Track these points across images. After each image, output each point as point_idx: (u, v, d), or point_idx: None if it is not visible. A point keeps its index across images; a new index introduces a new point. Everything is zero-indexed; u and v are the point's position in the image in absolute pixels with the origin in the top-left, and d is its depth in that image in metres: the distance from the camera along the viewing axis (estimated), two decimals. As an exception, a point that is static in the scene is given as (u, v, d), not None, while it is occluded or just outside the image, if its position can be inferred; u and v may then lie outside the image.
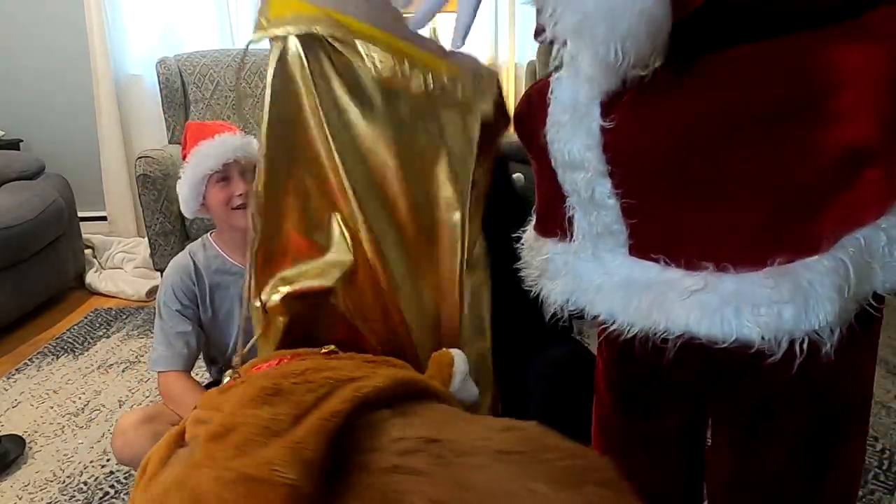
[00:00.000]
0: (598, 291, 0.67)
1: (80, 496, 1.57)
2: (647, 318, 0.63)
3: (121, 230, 3.55)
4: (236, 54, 3.18)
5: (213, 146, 1.56)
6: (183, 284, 1.60)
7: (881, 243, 0.56)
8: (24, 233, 2.54)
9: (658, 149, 0.61)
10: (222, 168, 1.55)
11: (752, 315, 0.58)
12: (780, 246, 0.57)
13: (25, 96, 3.55)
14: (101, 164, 3.52)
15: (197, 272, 1.61)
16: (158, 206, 2.60)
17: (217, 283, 1.63)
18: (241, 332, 1.65)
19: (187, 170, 1.58)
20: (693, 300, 0.60)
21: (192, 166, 1.57)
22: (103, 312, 2.76)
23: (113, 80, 3.42)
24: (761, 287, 0.57)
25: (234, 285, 1.64)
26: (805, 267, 0.56)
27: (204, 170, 1.56)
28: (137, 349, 2.40)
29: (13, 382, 2.17)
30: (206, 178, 1.57)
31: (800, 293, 0.56)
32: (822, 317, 0.56)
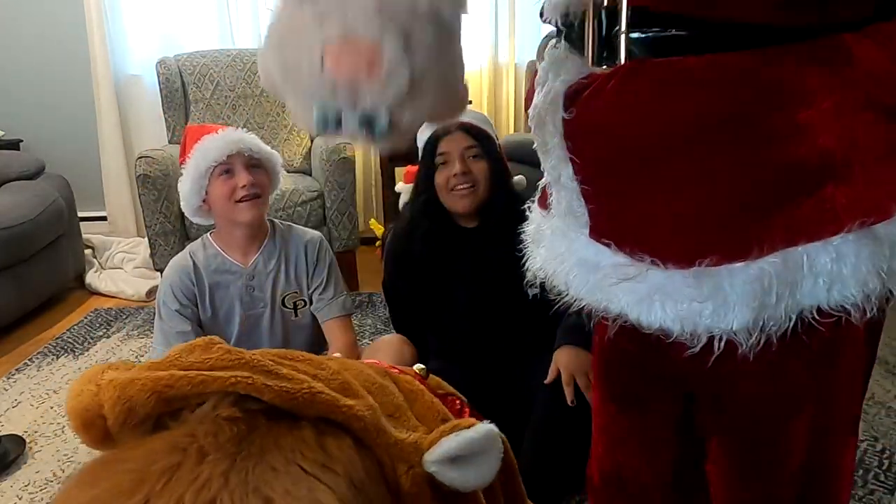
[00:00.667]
0: (561, 264, 0.72)
1: (81, 496, 1.57)
2: (592, 296, 0.68)
3: (121, 230, 3.55)
4: (236, 54, 3.18)
5: (215, 140, 1.55)
6: (182, 284, 1.59)
7: (828, 259, 0.57)
8: (24, 233, 2.54)
9: (608, 144, 0.64)
10: (226, 160, 1.54)
11: (673, 308, 0.61)
12: (711, 249, 0.59)
13: (25, 96, 3.55)
14: (101, 164, 3.52)
15: (196, 272, 1.61)
16: (158, 206, 2.60)
17: (217, 283, 1.63)
18: (242, 328, 1.66)
19: (189, 165, 1.57)
20: (628, 285, 0.64)
21: (194, 160, 1.55)
22: (103, 312, 2.76)
23: (113, 81, 3.42)
24: (684, 284, 0.60)
25: (233, 284, 1.65)
26: (729, 272, 0.59)
27: (207, 162, 1.54)
28: (137, 349, 2.40)
29: (13, 382, 2.17)
30: (209, 172, 1.55)
31: (720, 295, 0.59)
32: (739, 321, 0.59)
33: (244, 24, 3.43)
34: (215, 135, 1.57)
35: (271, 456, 0.50)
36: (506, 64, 3.49)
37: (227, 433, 0.52)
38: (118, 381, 0.57)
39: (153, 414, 0.56)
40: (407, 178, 2.99)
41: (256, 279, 1.66)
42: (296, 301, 1.70)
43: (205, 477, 0.47)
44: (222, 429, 0.52)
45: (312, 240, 1.73)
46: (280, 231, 1.72)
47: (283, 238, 1.70)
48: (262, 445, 0.52)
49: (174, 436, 0.53)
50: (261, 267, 1.66)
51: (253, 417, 0.55)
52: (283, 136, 3.13)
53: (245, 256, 1.66)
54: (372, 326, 2.53)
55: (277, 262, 1.68)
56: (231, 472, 0.47)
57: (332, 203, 2.75)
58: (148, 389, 0.55)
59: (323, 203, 2.76)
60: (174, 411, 0.57)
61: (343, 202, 2.76)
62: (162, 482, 0.46)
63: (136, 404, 0.55)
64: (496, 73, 3.49)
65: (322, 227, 2.73)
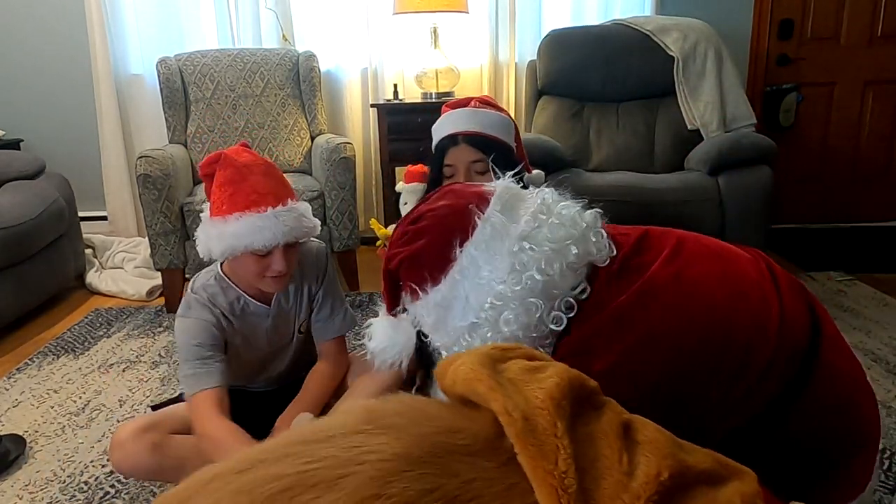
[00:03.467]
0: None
1: (81, 496, 1.57)
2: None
3: (121, 230, 3.55)
4: (236, 54, 3.18)
5: (265, 226, 1.39)
6: (209, 336, 1.47)
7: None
8: (25, 233, 2.54)
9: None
10: (256, 249, 1.41)
11: None
12: None
13: (25, 96, 3.55)
14: (102, 164, 3.52)
15: (222, 321, 1.51)
16: (158, 205, 2.60)
17: (242, 324, 1.56)
18: (266, 354, 1.63)
19: (225, 233, 1.40)
20: None
21: (232, 235, 1.39)
22: (103, 312, 2.76)
23: (113, 80, 3.42)
24: None
25: (259, 325, 1.58)
26: None
27: (248, 247, 1.40)
28: (138, 349, 2.40)
29: (14, 382, 2.17)
30: (245, 250, 1.41)
31: None
32: None
33: (244, 24, 3.43)
34: (263, 214, 1.38)
35: None
36: (506, 63, 3.49)
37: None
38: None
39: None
40: (407, 178, 2.98)
41: (280, 317, 1.60)
42: (306, 326, 1.67)
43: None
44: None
45: (320, 256, 1.65)
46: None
47: (299, 266, 1.59)
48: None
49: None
50: (283, 304, 1.60)
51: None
52: (284, 136, 3.13)
53: (266, 295, 1.57)
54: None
55: (296, 293, 1.61)
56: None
57: (333, 203, 2.75)
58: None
59: (323, 203, 2.76)
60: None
61: (343, 202, 2.76)
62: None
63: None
64: (496, 72, 3.49)
65: (322, 227, 2.73)
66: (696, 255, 1.07)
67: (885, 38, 3.56)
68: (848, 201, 3.75)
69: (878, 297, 2.67)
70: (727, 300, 1.00)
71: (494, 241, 1.03)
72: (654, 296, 1.00)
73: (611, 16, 3.38)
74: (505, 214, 1.05)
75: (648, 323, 0.97)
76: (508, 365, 0.67)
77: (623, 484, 0.54)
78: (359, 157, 3.42)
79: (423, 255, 1.06)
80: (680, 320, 0.98)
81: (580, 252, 1.03)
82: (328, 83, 3.46)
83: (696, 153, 2.74)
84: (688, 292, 1.00)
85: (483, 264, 1.02)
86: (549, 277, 1.00)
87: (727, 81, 2.94)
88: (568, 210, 1.10)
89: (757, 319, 0.98)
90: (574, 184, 2.55)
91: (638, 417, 0.66)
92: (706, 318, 0.98)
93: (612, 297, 1.01)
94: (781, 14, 3.55)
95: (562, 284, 1.01)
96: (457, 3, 3.08)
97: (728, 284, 1.02)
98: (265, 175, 1.43)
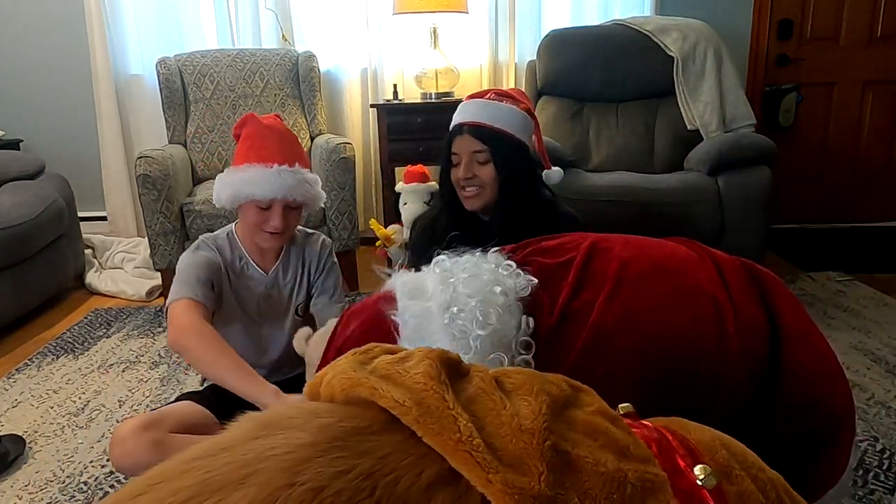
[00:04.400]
0: None
1: (80, 496, 1.57)
2: None
3: (121, 230, 3.55)
4: (236, 54, 3.18)
5: (268, 178, 1.53)
6: (208, 272, 1.58)
7: None
8: (24, 233, 2.54)
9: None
10: (256, 201, 1.55)
11: None
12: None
13: (25, 96, 3.55)
14: (101, 164, 3.52)
15: (225, 272, 1.65)
16: (158, 205, 2.60)
17: (238, 284, 1.67)
18: (254, 323, 1.69)
19: (234, 179, 1.55)
20: None
21: (239, 181, 1.54)
22: (103, 312, 2.76)
23: (113, 80, 3.42)
24: None
25: (255, 289, 1.68)
26: None
27: (250, 195, 1.55)
28: (137, 349, 2.40)
29: (13, 382, 2.17)
30: (248, 199, 1.56)
31: None
32: None
33: (244, 24, 3.43)
34: (269, 169, 1.53)
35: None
36: (505, 63, 3.49)
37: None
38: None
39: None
40: (407, 177, 2.99)
41: (276, 288, 1.70)
42: (305, 309, 1.74)
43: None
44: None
45: (324, 245, 1.75)
46: (299, 240, 1.74)
47: (301, 247, 1.73)
48: None
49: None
50: (280, 276, 1.70)
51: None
52: (283, 135, 3.13)
53: (266, 262, 1.69)
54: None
55: (294, 272, 1.71)
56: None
57: (332, 203, 2.75)
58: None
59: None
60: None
61: (343, 202, 2.76)
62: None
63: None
64: (496, 71, 3.49)
65: (322, 227, 2.73)
66: (642, 279, 1.04)
67: (885, 38, 3.56)
68: (847, 201, 3.75)
69: (877, 297, 2.67)
70: (685, 329, 0.98)
71: (422, 328, 1.00)
72: (606, 342, 0.98)
73: (610, 16, 3.38)
74: (414, 300, 1.02)
75: (607, 368, 0.96)
76: (376, 364, 0.68)
77: (517, 426, 0.60)
78: (358, 157, 3.42)
79: (358, 340, 1.02)
80: (639, 363, 0.96)
81: (504, 289, 1.01)
82: (328, 83, 3.46)
83: (696, 153, 2.74)
84: (641, 332, 0.98)
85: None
86: (493, 327, 0.97)
87: (727, 82, 2.94)
88: (468, 260, 1.07)
89: (717, 343, 0.97)
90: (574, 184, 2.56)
91: (501, 370, 0.72)
92: (666, 354, 0.97)
93: (561, 352, 0.99)
94: (781, 14, 3.55)
95: (507, 329, 0.98)
96: (457, 3, 3.08)
97: (681, 307, 1.00)
98: (281, 138, 1.59)
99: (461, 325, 0.97)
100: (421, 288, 1.04)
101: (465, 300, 0.99)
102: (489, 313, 0.97)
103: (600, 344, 0.98)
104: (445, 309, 0.99)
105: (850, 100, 3.65)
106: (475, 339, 0.96)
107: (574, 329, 1.00)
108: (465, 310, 0.98)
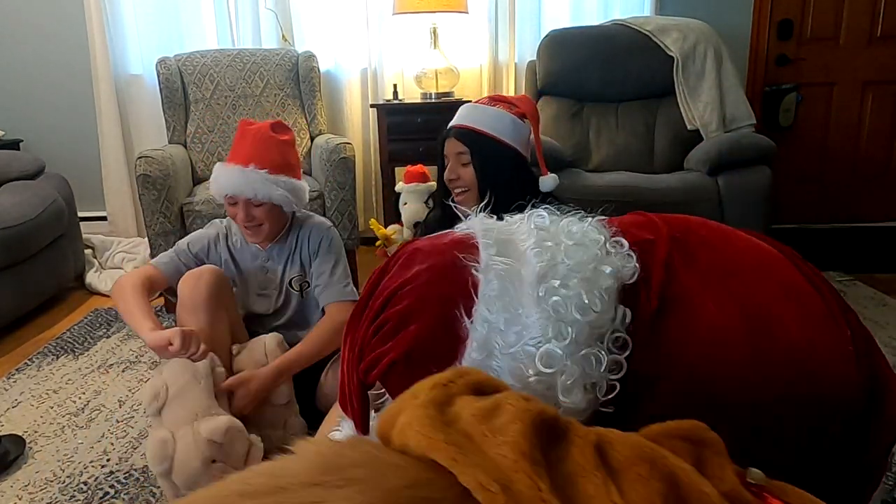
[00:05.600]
0: None
1: (80, 496, 1.57)
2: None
3: (121, 230, 3.55)
4: (236, 54, 3.18)
5: (231, 176, 1.69)
6: (198, 246, 1.81)
7: None
8: (24, 233, 2.54)
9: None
10: (227, 196, 1.71)
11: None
12: None
13: (25, 96, 3.55)
14: (101, 164, 3.52)
15: (225, 241, 1.84)
16: (158, 206, 2.60)
17: (243, 257, 1.85)
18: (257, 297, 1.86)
19: (213, 177, 1.74)
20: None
21: (213, 179, 1.74)
22: (103, 312, 2.76)
23: (113, 80, 3.42)
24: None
25: (252, 262, 1.85)
26: None
27: (219, 191, 1.73)
28: (137, 349, 2.40)
29: (13, 382, 2.17)
30: (219, 193, 1.74)
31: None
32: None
33: (244, 24, 3.43)
34: (226, 168, 1.70)
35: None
36: (505, 63, 3.49)
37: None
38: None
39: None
40: (407, 178, 2.99)
41: (271, 262, 1.84)
42: (301, 283, 1.84)
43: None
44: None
45: (319, 229, 1.85)
46: (297, 222, 1.87)
47: (299, 228, 1.86)
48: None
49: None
50: (275, 254, 1.84)
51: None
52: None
53: (264, 242, 1.84)
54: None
55: (289, 250, 1.84)
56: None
57: (332, 203, 2.75)
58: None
59: (323, 203, 2.76)
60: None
61: (343, 202, 2.76)
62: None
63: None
64: (496, 71, 3.49)
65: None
66: (751, 277, 0.83)
67: (885, 38, 3.56)
68: (847, 201, 3.75)
69: (877, 297, 2.67)
70: (806, 343, 0.77)
71: (507, 294, 0.79)
72: (723, 346, 0.77)
73: (610, 16, 3.38)
74: (502, 257, 0.82)
75: (724, 387, 0.76)
76: (458, 411, 0.58)
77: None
78: (358, 157, 3.42)
79: (421, 347, 0.79)
80: (756, 373, 0.75)
81: (614, 270, 0.81)
82: (328, 83, 3.46)
83: (696, 153, 2.74)
84: (759, 329, 0.78)
85: (506, 328, 0.78)
86: (596, 314, 0.77)
87: (727, 81, 2.94)
88: (573, 223, 0.87)
89: (841, 365, 0.77)
90: (574, 184, 2.57)
91: (604, 432, 0.59)
92: (787, 370, 0.76)
93: (661, 345, 0.79)
94: (781, 14, 3.55)
95: (605, 319, 0.79)
96: (456, 3, 3.08)
97: (802, 321, 0.79)
98: (255, 142, 1.71)
99: (557, 301, 0.77)
100: (510, 242, 0.85)
101: (566, 273, 0.79)
102: (594, 296, 0.78)
103: (716, 349, 0.77)
104: (541, 279, 0.79)
105: (850, 100, 3.65)
106: (572, 325, 0.76)
107: (676, 323, 0.80)
108: (567, 286, 0.78)
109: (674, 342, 0.78)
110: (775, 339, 0.77)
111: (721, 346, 0.77)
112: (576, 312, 0.77)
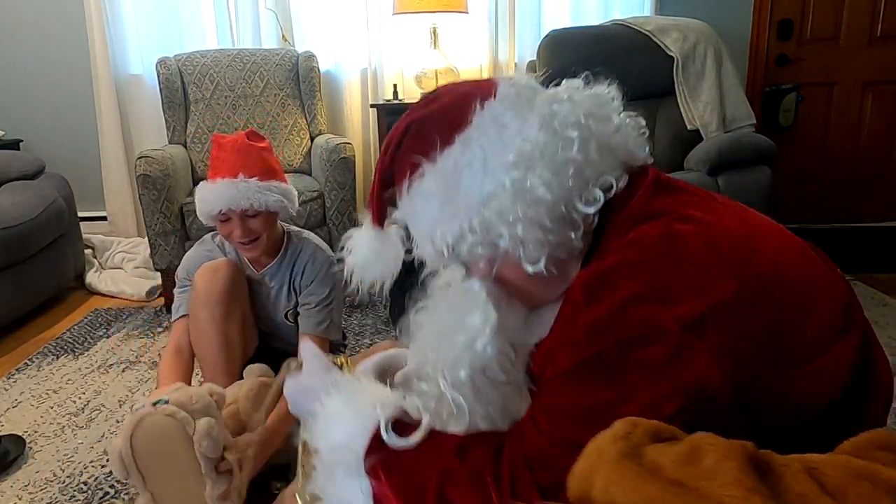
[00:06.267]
0: None
1: (80, 496, 1.57)
2: None
3: (121, 230, 3.55)
4: (236, 54, 3.18)
5: (214, 191, 1.60)
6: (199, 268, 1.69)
7: None
8: (24, 233, 2.54)
9: None
10: (219, 213, 1.61)
11: None
12: None
13: (25, 96, 3.55)
14: (101, 164, 3.52)
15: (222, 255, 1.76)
16: (158, 206, 2.60)
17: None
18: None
19: (198, 199, 1.64)
20: None
21: (199, 201, 1.63)
22: (103, 312, 2.76)
23: (113, 80, 3.42)
24: None
25: (251, 284, 1.75)
26: None
27: (207, 211, 1.62)
28: (137, 349, 2.40)
29: (13, 382, 2.17)
30: (212, 216, 1.63)
31: None
32: None
33: (244, 24, 3.43)
34: (213, 184, 1.60)
35: None
36: (505, 63, 3.49)
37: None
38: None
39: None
40: (407, 177, 2.99)
41: (264, 288, 1.75)
42: (296, 316, 1.77)
43: None
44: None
45: (315, 262, 1.74)
46: (293, 245, 1.75)
47: (294, 253, 1.75)
48: None
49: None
50: (268, 280, 1.75)
51: None
52: (284, 135, 3.13)
53: (258, 263, 1.75)
54: (372, 326, 2.53)
55: (281, 279, 1.74)
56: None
57: (332, 203, 2.75)
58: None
59: (323, 203, 2.76)
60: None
61: (343, 202, 2.76)
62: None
63: None
64: (496, 71, 3.48)
65: (322, 227, 2.73)
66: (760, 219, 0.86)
67: (885, 38, 3.56)
68: (847, 201, 3.75)
69: (877, 297, 2.67)
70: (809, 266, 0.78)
71: (521, 101, 0.84)
72: (741, 213, 0.83)
73: (610, 16, 3.38)
74: (527, 87, 0.86)
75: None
76: (655, 460, 0.55)
77: None
78: (358, 157, 3.42)
79: (436, 116, 0.85)
80: (774, 256, 0.75)
81: (620, 124, 0.86)
82: (328, 83, 3.46)
83: (696, 153, 2.74)
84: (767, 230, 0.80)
85: (509, 120, 0.82)
86: (589, 134, 0.80)
87: (727, 81, 2.94)
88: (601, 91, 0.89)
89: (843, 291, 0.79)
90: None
91: (805, 457, 0.56)
92: (802, 264, 0.77)
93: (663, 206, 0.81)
94: (781, 14, 3.55)
95: (597, 164, 0.81)
96: (456, 3, 3.08)
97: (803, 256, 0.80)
98: (237, 152, 1.62)
99: (561, 112, 0.82)
100: (534, 90, 0.88)
101: (579, 101, 0.84)
102: (591, 125, 0.82)
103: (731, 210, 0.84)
104: (553, 100, 0.84)
105: (850, 100, 3.65)
106: (562, 140, 0.80)
107: (679, 194, 0.89)
108: (575, 102, 0.83)
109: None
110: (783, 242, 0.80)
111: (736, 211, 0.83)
112: (571, 129, 0.80)
